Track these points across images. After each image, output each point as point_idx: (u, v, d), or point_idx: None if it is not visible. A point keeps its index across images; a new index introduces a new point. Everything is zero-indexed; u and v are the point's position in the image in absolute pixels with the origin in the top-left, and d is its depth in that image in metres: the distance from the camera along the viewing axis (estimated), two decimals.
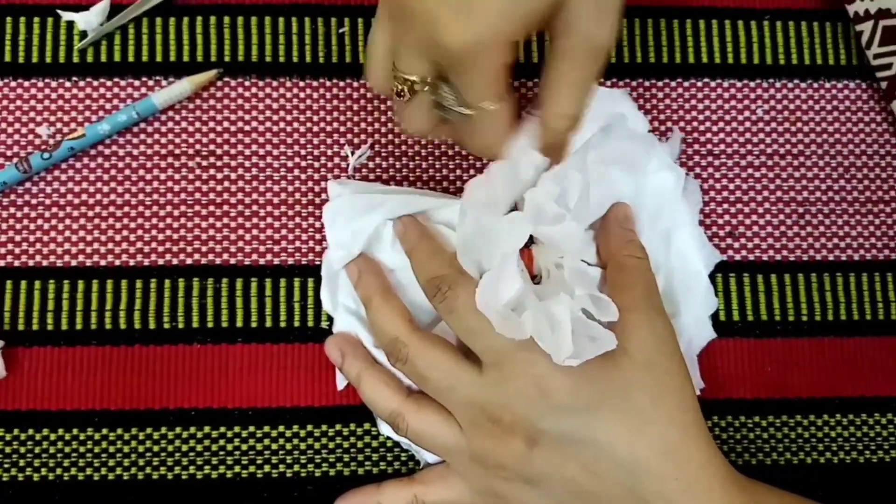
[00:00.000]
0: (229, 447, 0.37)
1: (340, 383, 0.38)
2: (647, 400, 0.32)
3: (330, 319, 0.38)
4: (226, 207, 0.38)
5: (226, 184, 0.39)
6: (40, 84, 0.39)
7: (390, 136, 0.40)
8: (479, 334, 0.33)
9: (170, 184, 0.38)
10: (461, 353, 0.34)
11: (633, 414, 0.32)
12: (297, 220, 0.39)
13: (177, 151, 0.39)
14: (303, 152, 0.39)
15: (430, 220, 0.37)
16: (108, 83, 0.39)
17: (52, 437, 0.37)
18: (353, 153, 0.39)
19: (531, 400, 0.32)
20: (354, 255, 0.37)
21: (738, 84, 0.41)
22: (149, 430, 0.37)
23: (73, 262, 0.38)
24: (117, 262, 0.38)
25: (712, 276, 0.39)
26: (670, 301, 0.38)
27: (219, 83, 0.39)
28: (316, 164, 0.39)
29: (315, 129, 0.39)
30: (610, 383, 0.32)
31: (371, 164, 0.39)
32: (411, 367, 0.34)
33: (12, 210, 0.38)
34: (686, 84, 0.41)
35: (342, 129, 0.39)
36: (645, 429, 0.32)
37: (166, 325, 0.38)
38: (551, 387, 0.32)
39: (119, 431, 0.37)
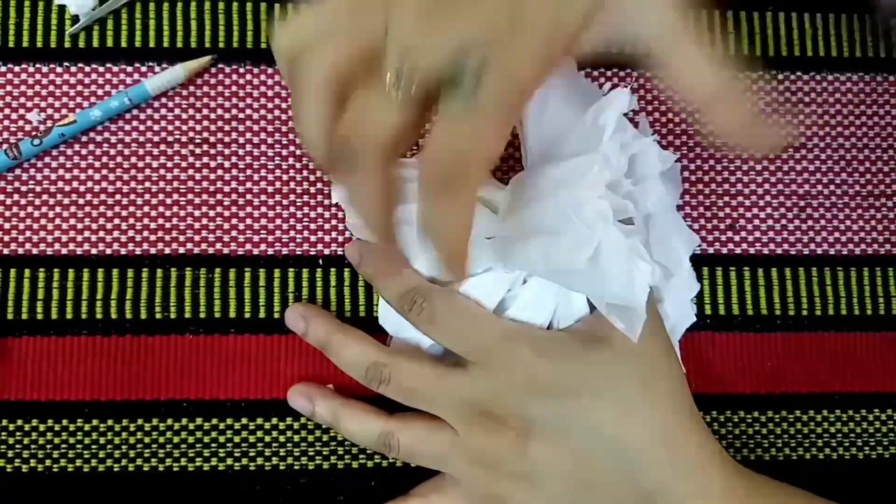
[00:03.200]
0: (221, 439, 0.37)
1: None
2: (634, 387, 0.32)
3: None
4: (219, 196, 0.38)
5: (219, 172, 0.38)
6: (31, 69, 0.38)
7: None
8: (462, 336, 0.33)
9: (162, 171, 0.38)
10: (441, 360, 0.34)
11: (619, 400, 0.32)
12: (292, 209, 0.38)
13: (170, 139, 0.38)
14: (298, 140, 0.38)
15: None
16: (100, 69, 0.38)
17: (42, 427, 0.36)
18: None
19: (519, 388, 0.32)
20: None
21: (740, 75, 0.41)
22: (140, 422, 0.36)
23: (64, 251, 0.37)
24: (108, 251, 0.37)
25: (712, 270, 0.39)
26: (653, 287, 0.37)
27: (213, 70, 0.39)
28: None
29: None
30: (593, 372, 0.32)
31: None
32: (395, 385, 0.34)
33: (2, 197, 0.37)
34: None
35: None
36: (633, 414, 0.32)
37: (158, 316, 0.37)
38: (536, 373, 0.32)
39: (110, 422, 0.36)
